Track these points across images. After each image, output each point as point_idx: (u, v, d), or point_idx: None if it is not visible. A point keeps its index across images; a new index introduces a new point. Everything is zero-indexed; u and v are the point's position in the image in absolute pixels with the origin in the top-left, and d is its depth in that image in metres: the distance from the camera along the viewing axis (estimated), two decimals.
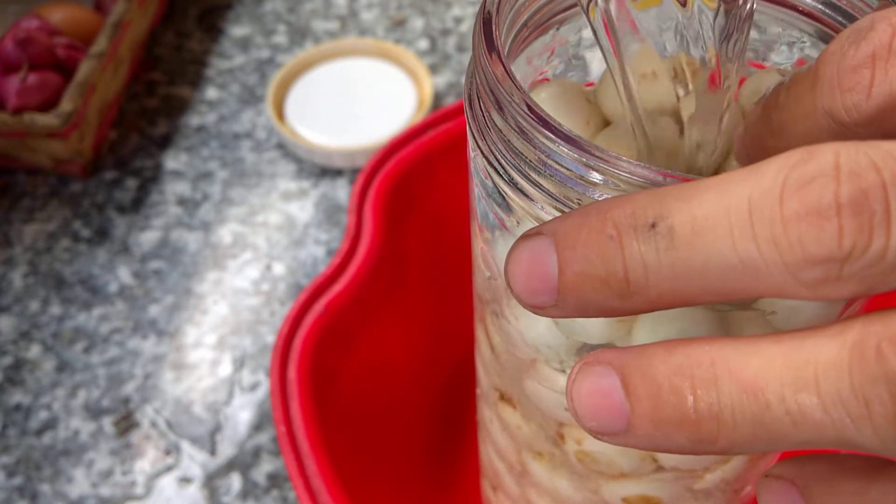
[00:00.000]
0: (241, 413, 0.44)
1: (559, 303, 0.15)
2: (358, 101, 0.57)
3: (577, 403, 0.15)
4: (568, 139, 0.16)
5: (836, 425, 0.13)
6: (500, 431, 0.28)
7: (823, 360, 0.13)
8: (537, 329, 0.21)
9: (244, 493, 0.41)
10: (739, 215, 0.13)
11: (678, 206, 0.14)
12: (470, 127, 0.20)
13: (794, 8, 0.22)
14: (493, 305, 0.24)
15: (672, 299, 0.14)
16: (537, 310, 0.16)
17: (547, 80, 0.24)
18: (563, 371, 0.22)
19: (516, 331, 0.22)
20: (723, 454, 0.14)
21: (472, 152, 0.21)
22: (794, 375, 0.13)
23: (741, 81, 0.22)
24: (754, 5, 0.19)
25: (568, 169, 0.17)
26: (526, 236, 0.16)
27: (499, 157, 0.18)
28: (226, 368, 0.46)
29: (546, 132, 0.17)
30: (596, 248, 0.15)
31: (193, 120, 0.58)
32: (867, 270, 0.13)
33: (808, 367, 0.13)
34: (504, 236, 0.21)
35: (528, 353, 0.23)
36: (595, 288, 0.15)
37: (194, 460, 0.42)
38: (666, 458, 0.23)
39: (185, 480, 0.42)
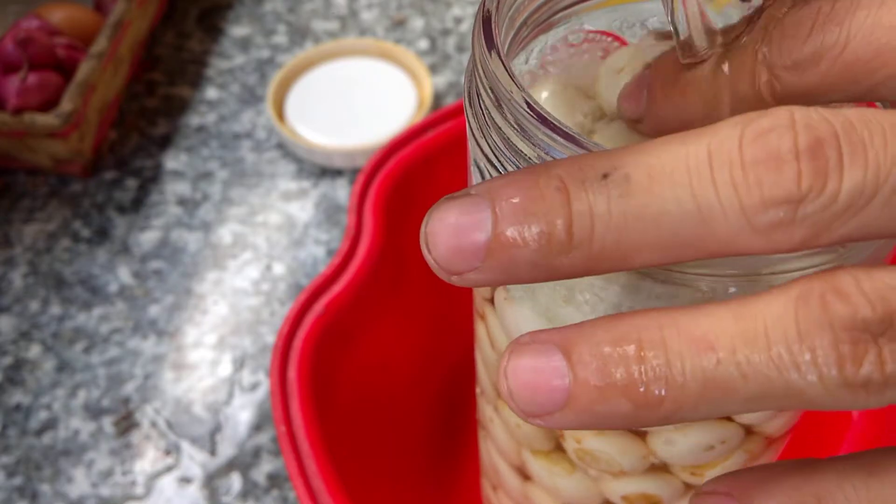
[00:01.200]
0: (241, 413, 0.44)
1: (484, 264, 0.14)
2: (358, 101, 0.57)
3: (513, 382, 0.15)
4: (567, 136, 0.16)
5: (784, 375, 0.13)
6: (500, 429, 0.28)
7: (771, 313, 0.13)
8: (527, 326, 0.21)
9: (244, 493, 0.41)
10: (698, 162, 0.13)
11: (633, 157, 0.14)
12: (470, 125, 0.20)
13: None
14: (493, 301, 0.24)
15: (612, 255, 0.14)
16: (453, 276, 0.15)
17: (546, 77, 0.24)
18: None
19: (512, 326, 0.22)
20: (661, 423, 0.14)
21: (472, 150, 0.21)
22: (742, 328, 0.13)
23: None
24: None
25: None
26: (451, 197, 0.15)
27: (498, 154, 0.18)
28: (226, 368, 0.46)
29: (545, 129, 0.17)
30: (539, 199, 0.14)
31: (193, 120, 0.58)
32: (819, 214, 0.13)
33: (757, 321, 0.13)
34: None
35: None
36: (532, 240, 0.14)
37: (194, 460, 0.42)
38: (665, 454, 0.23)
39: (185, 480, 0.42)
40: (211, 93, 0.60)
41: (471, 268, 0.15)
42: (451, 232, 0.15)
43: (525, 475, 0.29)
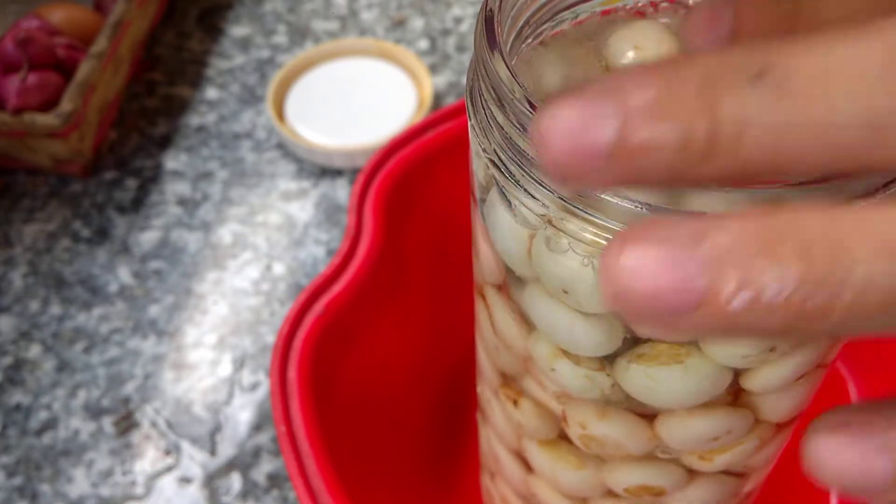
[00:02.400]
0: (241, 413, 0.44)
1: (606, 167, 0.12)
2: (358, 101, 0.57)
3: (631, 280, 0.12)
4: None
5: None
6: (498, 414, 0.28)
7: None
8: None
9: (244, 493, 0.41)
10: (872, 64, 0.12)
11: (793, 58, 0.12)
12: (472, 124, 0.20)
13: None
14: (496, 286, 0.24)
15: (761, 165, 0.12)
16: (569, 181, 0.13)
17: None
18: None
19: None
20: (823, 333, 0.12)
21: (474, 149, 0.21)
22: None
23: None
24: None
25: None
26: (570, 90, 0.13)
27: (500, 153, 0.18)
28: (226, 368, 0.46)
29: None
30: (679, 98, 0.12)
31: (193, 120, 0.58)
32: None
33: None
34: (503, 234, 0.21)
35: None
36: (667, 144, 0.12)
37: (194, 460, 0.42)
38: (675, 442, 0.23)
39: (185, 480, 0.42)
40: (211, 93, 0.60)
41: (590, 171, 0.13)
42: (569, 130, 0.13)
43: (524, 461, 0.29)
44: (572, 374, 0.22)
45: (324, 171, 0.55)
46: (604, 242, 0.18)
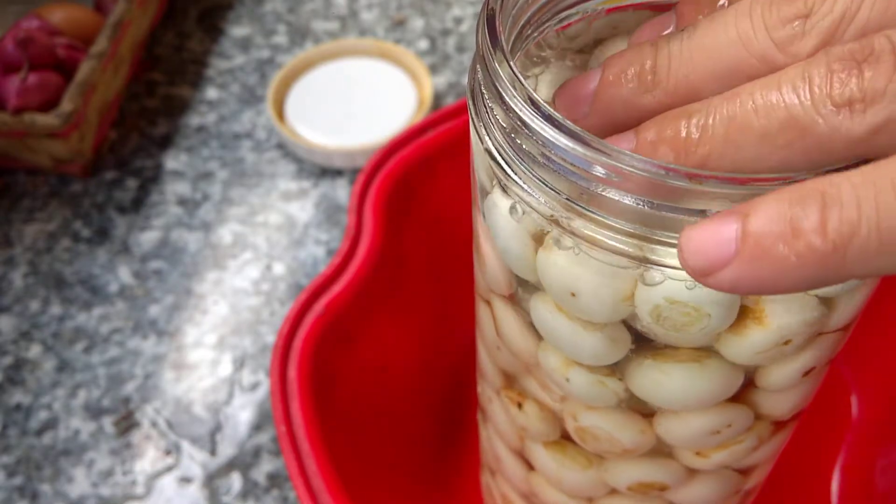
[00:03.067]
0: (241, 413, 0.44)
1: (593, 107, 0.19)
2: (358, 101, 0.57)
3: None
4: (571, 134, 0.16)
5: (786, 100, 0.16)
6: (499, 412, 0.28)
7: (786, 71, 0.17)
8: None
9: (244, 493, 0.41)
10: (741, 6, 0.18)
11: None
12: (473, 122, 0.20)
13: None
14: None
15: (686, 86, 0.18)
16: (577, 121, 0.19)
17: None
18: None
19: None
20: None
21: (475, 148, 0.21)
22: (763, 82, 0.17)
23: None
24: None
25: (570, 163, 0.17)
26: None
27: (501, 151, 0.18)
28: (226, 368, 0.46)
29: (549, 127, 0.17)
30: (635, 53, 0.19)
31: (193, 120, 0.58)
32: (821, 22, 0.17)
33: (777, 76, 0.17)
34: (504, 232, 0.21)
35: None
36: (627, 81, 0.19)
37: (194, 460, 0.42)
38: (674, 437, 0.23)
39: (186, 480, 0.42)
40: (211, 93, 0.60)
41: (582, 114, 0.19)
42: (570, 94, 0.20)
43: (525, 459, 0.29)
44: (586, 381, 0.22)
45: (324, 171, 0.55)
46: (607, 241, 0.18)
